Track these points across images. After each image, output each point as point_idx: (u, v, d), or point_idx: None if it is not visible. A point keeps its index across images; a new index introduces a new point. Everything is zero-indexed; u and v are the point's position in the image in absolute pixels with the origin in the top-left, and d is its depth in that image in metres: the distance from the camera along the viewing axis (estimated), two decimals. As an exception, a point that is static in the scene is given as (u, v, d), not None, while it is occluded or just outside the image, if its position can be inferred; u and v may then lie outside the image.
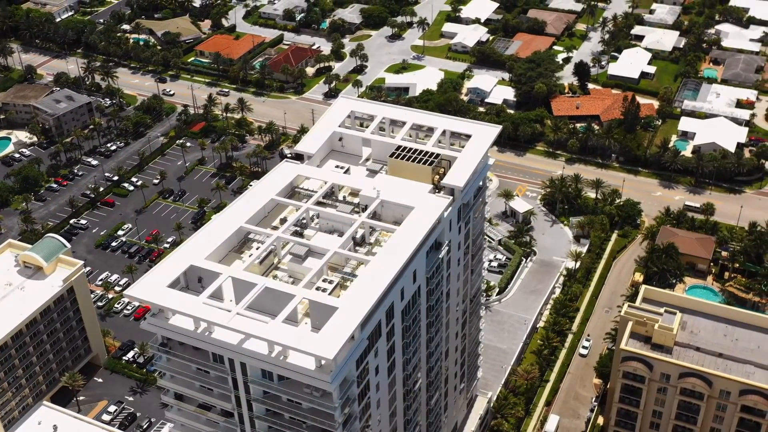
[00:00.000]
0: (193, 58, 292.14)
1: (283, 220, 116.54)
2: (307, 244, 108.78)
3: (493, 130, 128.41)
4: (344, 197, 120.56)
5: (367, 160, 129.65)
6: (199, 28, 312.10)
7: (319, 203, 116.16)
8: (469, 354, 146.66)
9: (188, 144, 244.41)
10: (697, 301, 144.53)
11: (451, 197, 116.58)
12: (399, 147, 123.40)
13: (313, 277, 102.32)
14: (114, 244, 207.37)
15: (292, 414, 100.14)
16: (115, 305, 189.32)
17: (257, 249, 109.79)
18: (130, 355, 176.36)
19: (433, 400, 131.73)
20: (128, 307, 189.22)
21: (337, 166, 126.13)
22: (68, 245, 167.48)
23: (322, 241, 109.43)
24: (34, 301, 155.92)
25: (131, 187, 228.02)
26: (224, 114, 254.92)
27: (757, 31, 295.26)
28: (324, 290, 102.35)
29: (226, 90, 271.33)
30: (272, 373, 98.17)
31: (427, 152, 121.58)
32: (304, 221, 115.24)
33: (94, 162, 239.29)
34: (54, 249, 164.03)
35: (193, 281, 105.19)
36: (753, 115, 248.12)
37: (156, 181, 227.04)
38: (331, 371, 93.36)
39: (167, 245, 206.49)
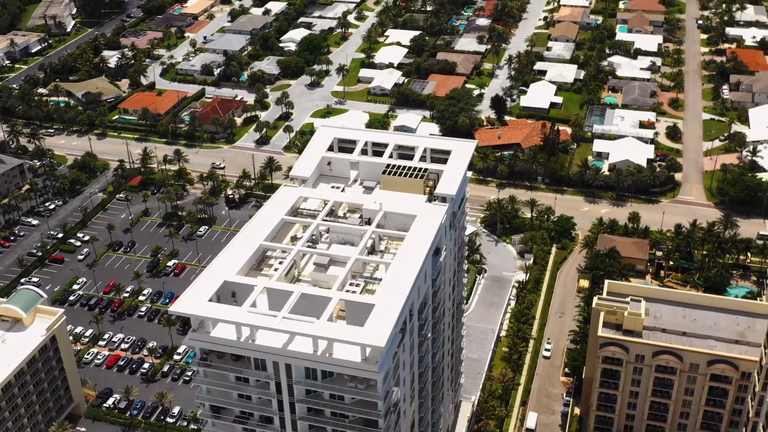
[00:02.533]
0: (117, 116, 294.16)
1: (294, 238, 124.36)
2: (329, 254, 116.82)
3: (470, 145, 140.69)
4: (344, 213, 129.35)
5: (355, 181, 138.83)
6: (118, 87, 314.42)
7: (323, 219, 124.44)
8: (455, 359, 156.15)
9: (129, 197, 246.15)
10: (655, 289, 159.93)
11: (447, 205, 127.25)
12: (389, 165, 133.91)
13: (342, 282, 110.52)
14: (72, 298, 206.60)
15: (335, 409, 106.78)
16: (85, 356, 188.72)
17: (280, 263, 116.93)
18: (110, 401, 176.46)
19: (436, 400, 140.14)
20: (98, 357, 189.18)
21: (333, 187, 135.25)
22: (44, 295, 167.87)
23: (341, 251, 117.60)
24: (19, 353, 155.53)
25: (78, 243, 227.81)
26: (160, 167, 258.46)
27: (645, 61, 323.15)
28: (353, 293, 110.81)
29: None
30: (316, 371, 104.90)
31: (415, 167, 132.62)
32: (314, 237, 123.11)
33: (35, 222, 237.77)
34: (31, 300, 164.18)
35: (225, 297, 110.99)
36: (656, 134, 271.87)
37: (84, 251, 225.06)
38: (377, 361, 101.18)
39: (126, 294, 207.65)
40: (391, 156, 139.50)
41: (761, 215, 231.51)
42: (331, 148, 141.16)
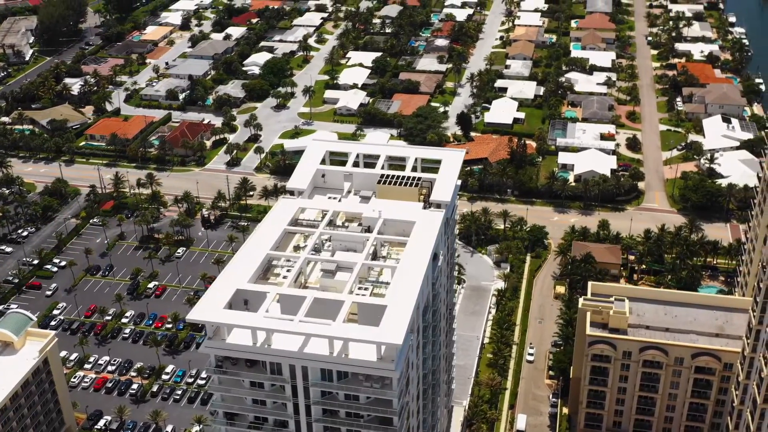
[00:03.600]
0: (84, 143, 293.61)
1: (296, 247, 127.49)
2: (336, 261, 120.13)
3: (459, 154, 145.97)
4: (342, 223, 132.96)
5: (349, 192, 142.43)
6: (82, 113, 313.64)
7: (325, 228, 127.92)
8: (448, 364, 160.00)
9: (105, 221, 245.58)
10: (637, 289, 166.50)
11: (443, 211, 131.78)
12: (383, 174, 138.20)
13: (352, 286, 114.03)
14: (53, 323, 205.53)
15: (351, 409, 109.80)
16: (72, 379, 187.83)
17: (288, 271, 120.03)
18: (101, 423, 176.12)
19: (435, 404, 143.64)
20: (86, 380, 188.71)
21: (329, 197, 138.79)
22: (34, 318, 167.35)
23: (347, 257, 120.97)
24: (12, 376, 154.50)
25: (55, 269, 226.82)
26: (132, 191, 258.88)
27: (600, 77, 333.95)
28: (363, 296, 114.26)
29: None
30: (332, 372, 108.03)
31: (410, 176, 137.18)
32: (317, 245, 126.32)
33: (8, 249, 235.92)
34: (21, 323, 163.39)
35: (237, 305, 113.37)
36: (617, 145, 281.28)
37: (53, 287, 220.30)
38: (393, 360, 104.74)
39: (109, 317, 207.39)
40: (382, 167, 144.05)
41: (722, 219, 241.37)
42: (323, 162, 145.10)
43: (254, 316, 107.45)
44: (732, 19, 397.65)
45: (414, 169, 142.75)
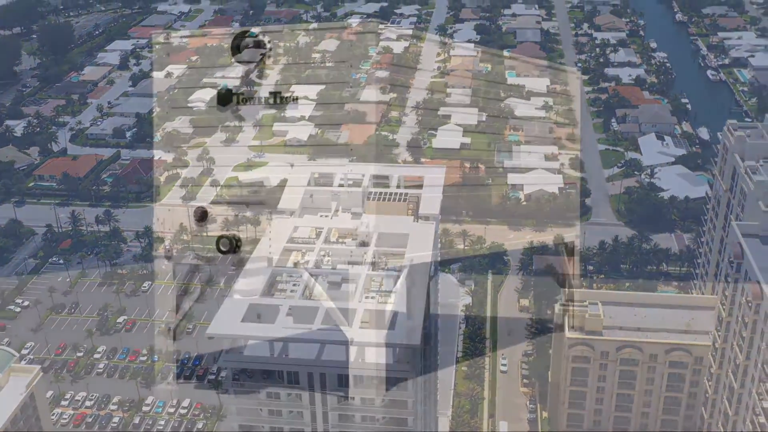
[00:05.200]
0: (32, 183, 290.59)
1: (297, 263, 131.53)
2: (340, 272, 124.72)
3: (440, 170, 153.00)
4: (337, 238, 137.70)
5: (336, 210, 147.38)
6: (28, 155, 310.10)
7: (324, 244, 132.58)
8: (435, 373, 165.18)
9: (69, 258, 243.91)
10: (606, 293, 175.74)
11: (434, 222, 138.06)
12: (371, 192, 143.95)
13: (360, 295, 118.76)
14: (23, 363, 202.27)
15: (367, 413, 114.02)
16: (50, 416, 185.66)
17: (294, 285, 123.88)
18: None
19: (430, 411, 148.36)
20: (64, 417, 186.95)
21: (321, 215, 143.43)
22: (17, 354, 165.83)
23: (350, 269, 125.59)
24: (1, 413, 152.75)
25: (18, 309, 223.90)
26: (89, 228, 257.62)
27: (538, 101, 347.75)
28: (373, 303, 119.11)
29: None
30: (348, 378, 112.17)
31: (397, 192, 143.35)
32: (317, 260, 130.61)
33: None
34: (4, 359, 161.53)
35: (251, 319, 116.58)
36: (562, 165, 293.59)
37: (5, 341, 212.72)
38: (409, 361, 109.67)
39: (80, 353, 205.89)
40: (366, 185, 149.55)
41: (667, 230, 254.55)
42: (308, 183, 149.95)
43: (273, 327, 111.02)
44: (653, 44, 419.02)
45: (397, 186, 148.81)
